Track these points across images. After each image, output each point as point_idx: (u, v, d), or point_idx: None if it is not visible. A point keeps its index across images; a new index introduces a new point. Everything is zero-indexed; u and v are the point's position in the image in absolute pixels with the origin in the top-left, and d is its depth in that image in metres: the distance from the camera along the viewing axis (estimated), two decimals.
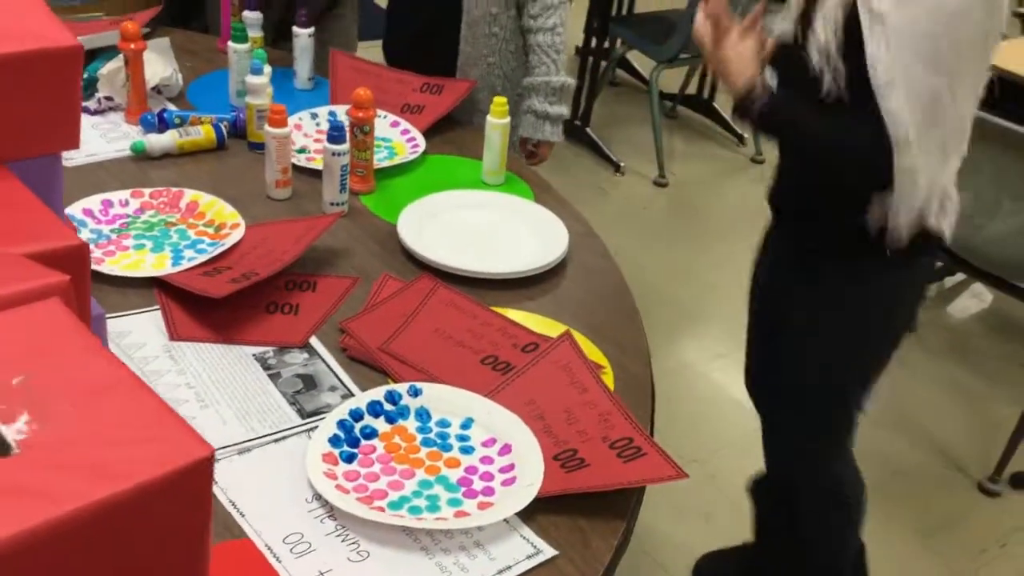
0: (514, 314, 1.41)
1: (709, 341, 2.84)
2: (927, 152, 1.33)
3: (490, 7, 1.90)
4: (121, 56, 1.71)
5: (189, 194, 1.54)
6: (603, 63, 3.84)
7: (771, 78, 1.45)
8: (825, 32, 1.33)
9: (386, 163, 1.74)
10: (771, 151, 3.73)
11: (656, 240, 3.30)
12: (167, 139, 1.66)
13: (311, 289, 1.41)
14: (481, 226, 1.61)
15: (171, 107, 1.80)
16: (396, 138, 1.83)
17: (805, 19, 1.39)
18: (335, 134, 1.54)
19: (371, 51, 2.23)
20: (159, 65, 1.81)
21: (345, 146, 1.55)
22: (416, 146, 1.80)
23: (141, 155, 1.65)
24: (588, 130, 3.81)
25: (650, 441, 1.15)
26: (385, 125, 1.85)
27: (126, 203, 1.51)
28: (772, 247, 1.68)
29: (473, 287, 1.45)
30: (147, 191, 1.54)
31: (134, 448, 0.55)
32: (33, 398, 0.58)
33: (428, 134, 1.84)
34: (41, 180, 0.96)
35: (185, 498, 0.55)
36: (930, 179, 1.37)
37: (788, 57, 1.42)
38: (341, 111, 1.86)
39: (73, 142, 0.99)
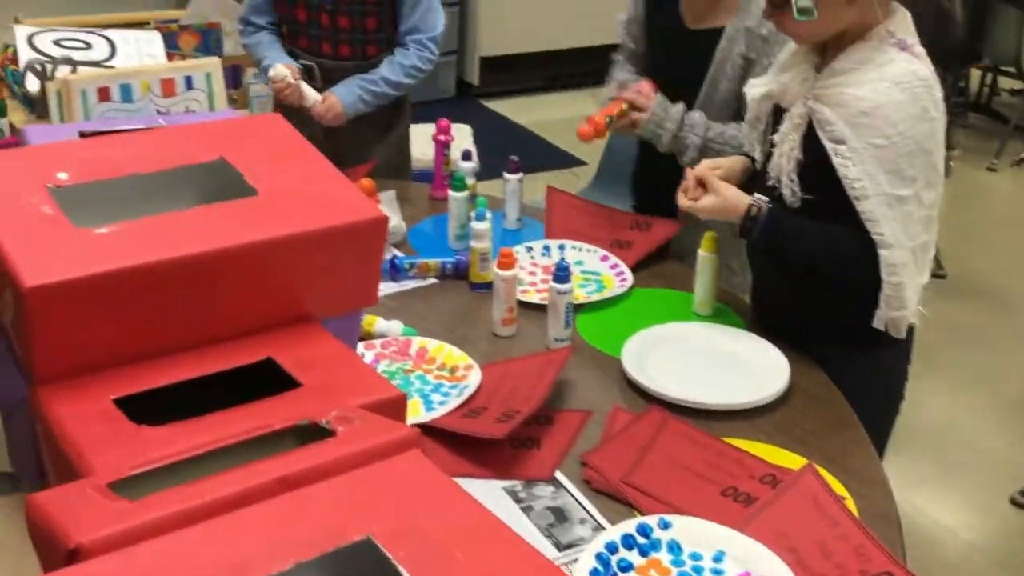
0: (745, 444, 1.44)
1: (908, 464, 2.76)
2: (913, 251, 1.50)
3: None
4: None
5: (416, 341, 1.65)
6: None
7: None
8: (784, 151, 1.56)
9: (595, 296, 1.83)
10: (951, 264, 3.68)
11: None
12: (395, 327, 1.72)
13: (548, 423, 1.48)
14: (700, 356, 1.66)
15: (399, 254, 1.94)
16: (605, 271, 1.92)
17: (766, 141, 1.62)
18: (560, 274, 1.63)
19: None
20: (387, 214, 1.97)
21: (569, 285, 1.64)
22: (624, 280, 1.88)
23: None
24: None
25: (909, 574, 1.15)
26: (595, 259, 1.94)
27: (362, 356, 1.62)
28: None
29: (699, 418, 1.50)
30: (378, 342, 1.66)
31: None
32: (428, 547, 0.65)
33: (635, 268, 1.91)
34: (343, 333, 1.07)
35: None
36: (911, 273, 1.51)
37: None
38: (555, 245, 1.97)
39: (373, 298, 1.10)
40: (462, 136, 3.73)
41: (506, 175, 2.08)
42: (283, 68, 2.16)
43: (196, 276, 0.92)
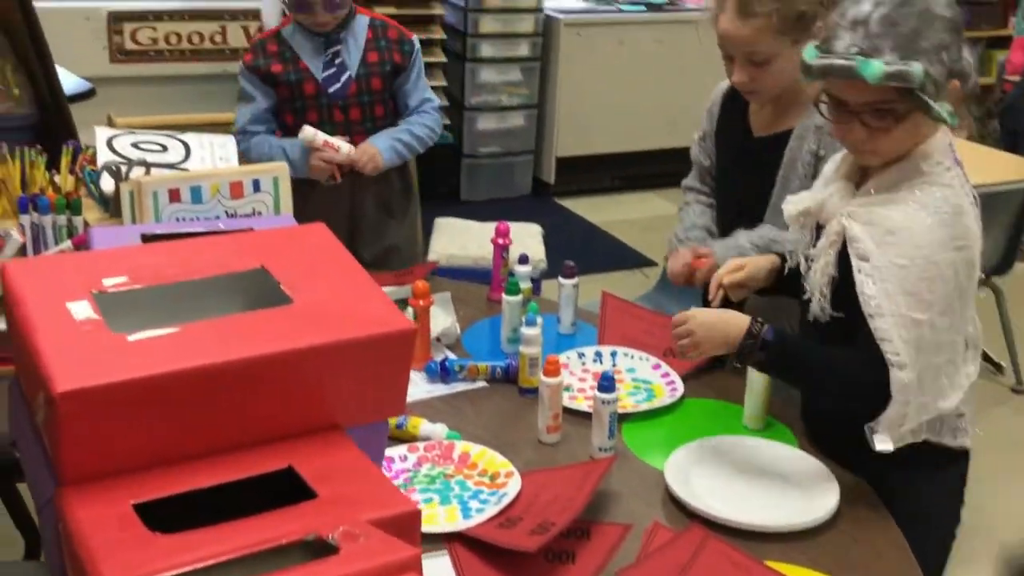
0: (788, 569, 1.40)
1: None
2: (920, 373, 1.45)
3: None
4: (411, 310, 1.91)
5: (460, 445, 1.66)
6: None
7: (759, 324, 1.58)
8: (819, 267, 1.55)
9: (644, 405, 1.81)
10: None
11: None
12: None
13: (585, 536, 1.46)
14: (747, 473, 1.62)
15: (451, 355, 1.96)
16: (656, 380, 1.90)
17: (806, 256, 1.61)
18: (605, 383, 1.63)
19: None
20: (440, 317, 2.00)
21: (614, 394, 1.64)
22: (675, 389, 1.86)
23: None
24: None
25: None
26: (647, 367, 1.93)
27: (405, 458, 1.63)
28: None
29: (742, 538, 1.46)
30: (421, 445, 1.66)
31: None
32: None
33: (687, 377, 1.90)
34: (369, 442, 1.09)
35: None
36: (925, 400, 1.47)
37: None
38: (607, 352, 1.97)
39: (400, 408, 1.12)
40: (532, 235, 3.77)
41: (561, 280, 2.10)
42: (311, 128, 2.28)
43: (223, 384, 0.95)
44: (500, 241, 2.22)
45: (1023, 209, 3.36)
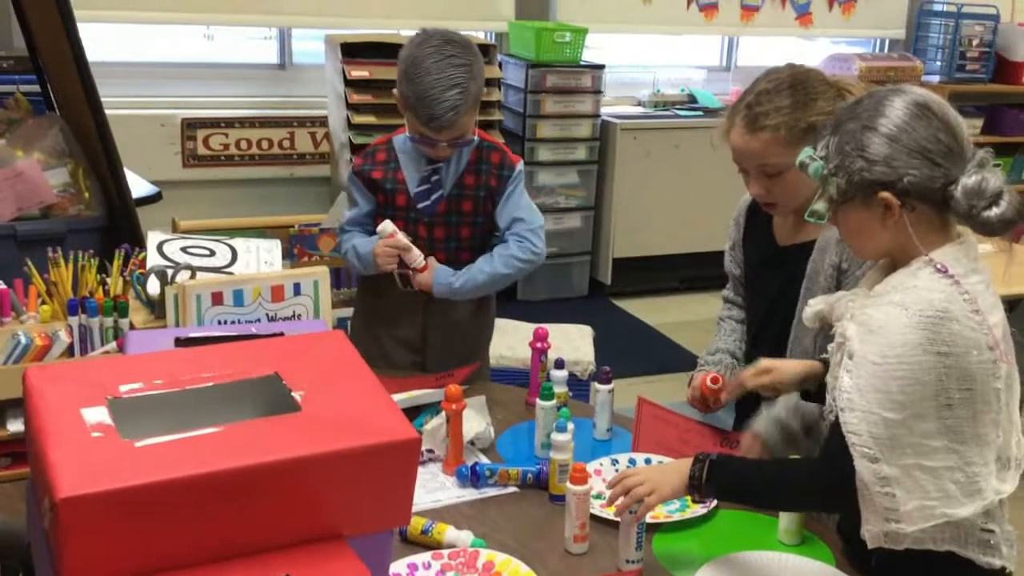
0: None
1: None
2: (905, 471, 1.43)
3: None
4: (443, 413, 1.92)
5: (485, 554, 1.64)
6: None
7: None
8: (831, 371, 1.56)
9: (676, 516, 1.78)
10: None
11: None
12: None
13: None
14: None
15: (483, 459, 1.96)
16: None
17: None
18: None
19: None
20: (475, 420, 2.01)
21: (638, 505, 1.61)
22: (709, 504, 1.83)
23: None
24: None
25: None
26: None
27: (428, 565, 1.62)
28: None
29: None
30: (446, 552, 1.65)
31: None
32: None
33: None
34: (372, 552, 1.09)
35: None
36: (928, 503, 1.43)
37: None
38: (641, 458, 1.95)
39: (405, 518, 1.13)
40: (583, 336, 3.79)
41: (597, 385, 2.10)
42: (390, 223, 2.26)
43: (223, 491, 0.97)
44: (538, 345, 2.23)
45: None
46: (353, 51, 4.44)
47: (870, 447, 1.43)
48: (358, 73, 4.39)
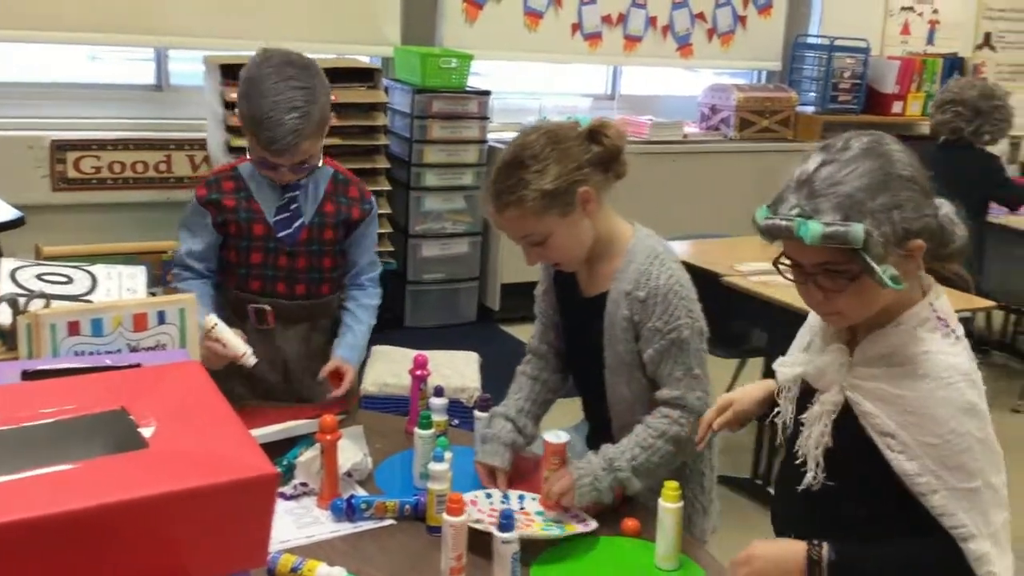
0: None
1: None
2: (995, 535, 1.42)
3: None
4: (318, 445, 1.86)
5: None
6: None
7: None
8: (814, 434, 1.51)
9: (555, 531, 1.76)
10: None
11: None
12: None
13: None
14: None
15: (360, 491, 1.91)
16: (567, 520, 1.84)
17: (796, 421, 1.58)
18: (504, 522, 1.58)
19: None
20: (351, 451, 1.95)
21: (515, 534, 1.59)
22: (586, 524, 1.81)
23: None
24: (770, 489, 3.72)
25: None
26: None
27: None
28: None
29: None
30: None
31: None
32: None
33: (600, 516, 1.85)
34: None
35: None
36: (998, 557, 1.42)
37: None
38: (514, 495, 1.91)
39: (260, 560, 1.07)
40: (469, 363, 3.75)
41: (477, 413, 2.07)
42: (214, 318, 2.08)
43: (62, 536, 0.90)
44: (418, 373, 2.19)
45: None
46: (233, 73, 4.34)
47: (965, 524, 1.40)
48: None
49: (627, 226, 1.97)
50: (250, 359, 2.06)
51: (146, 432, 1.03)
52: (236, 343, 2.06)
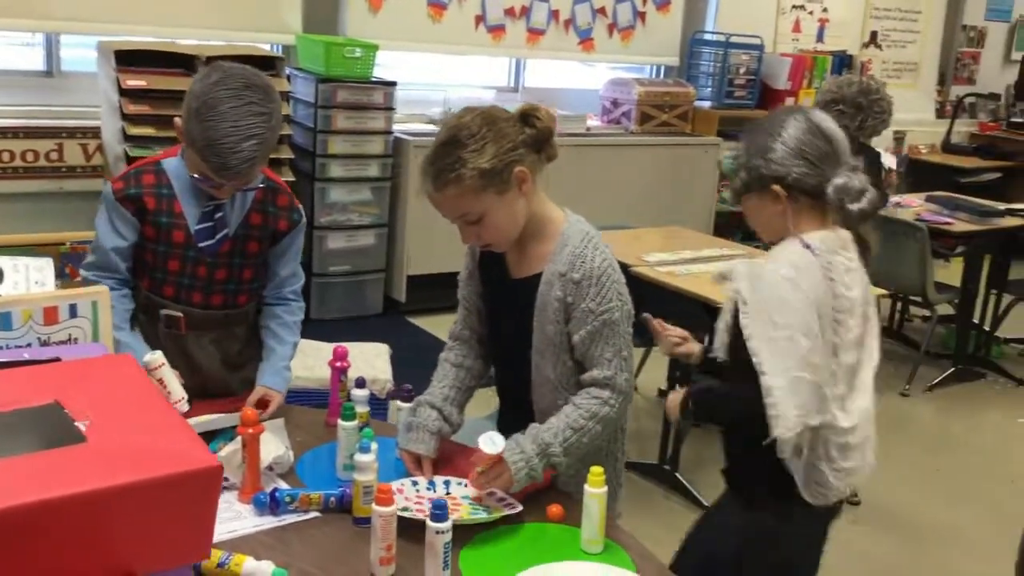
0: None
1: None
2: (781, 375, 1.80)
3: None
4: (239, 439, 1.83)
5: None
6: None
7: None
8: (722, 319, 1.94)
9: (482, 514, 1.78)
10: (867, 492, 3.68)
11: None
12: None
13: None
14: None
15: (283, 485, 1.89)
16: (493, 503, 1.86)
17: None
18: (438, 512, 1.59)
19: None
20: (273, 444, 1.93)
21: (448, 524, 1.59)
22: (512, 507, 1.82)
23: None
24: (677, 474, 3.82)
25: None
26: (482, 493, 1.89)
27: None
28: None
29: None
30: None
31: None
32: None
33: (524, 500, 1.87)
34: None
35: None
36: (786, 397, 1.80)
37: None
38: (439, 480, 1.92)
39: (205, 553, 1.05)
40: (379, 355, 3.74)
41: (398, 403, 2.07)
42: (161, 355, 1.96)
43: (7, 532, 0.87)
44: (338, 364, 2.17)
45: None
46: (128, 59, 4.21)
47: (761, 360, 1.81)
48: (134, 82, 4.17)
49: (558, 210, 2.01)
50: (184, 406, 1.94)
51: (82, 425, 1.00)
52: (175, 387, 1.95)
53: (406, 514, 1.71)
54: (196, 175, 2.06)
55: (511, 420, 2.06)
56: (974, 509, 3.80)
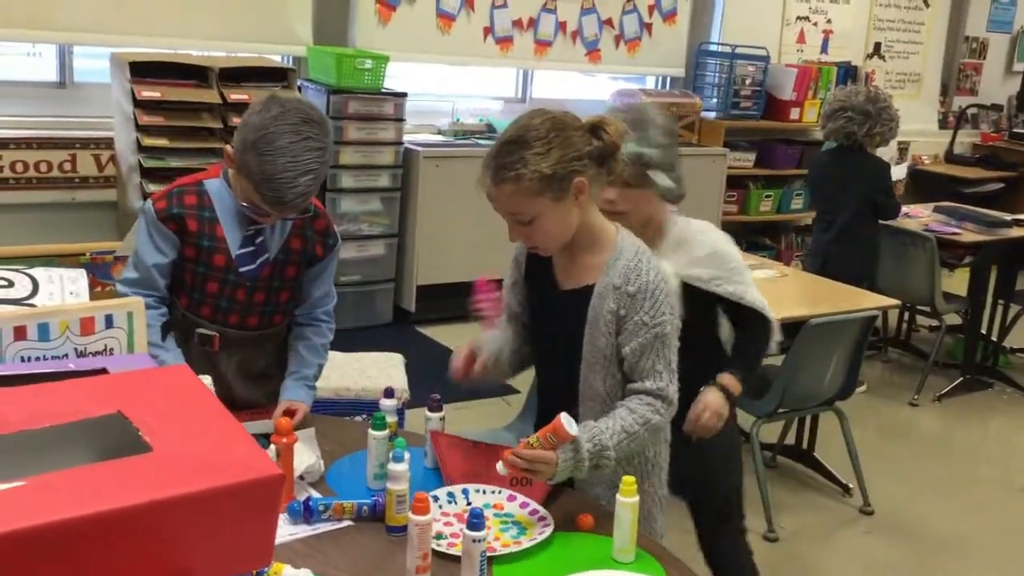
0: None
1: None
2: (758, 295, 2.38)
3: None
4: (273, 448, 1.84)
5: None
6: None
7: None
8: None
9: (524, 541, 1.77)
10: (879, 502, 3.69)
11: None
12: None
13: None
14: None
15: (315, 494, 1.90)
16: (519, 512, 1.87)
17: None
18: (475, 521, 1.60)
19: None
20: (305, 454, 1.94)
21: (483, 532, 1.61)
22: (545, 522, 1.83)
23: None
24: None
25: None
26: (502, 500, 1.90)
27: None
28: None
29: None
30: None
31: None
32: None
33: (553, 510, 1.88)
34: None
35: None
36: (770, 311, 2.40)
37: None
38: (458, 491, 1.93)
39: (267, 559, 1.07)
40: (394, 365, 3.74)
41: (428, 413, 2.08)
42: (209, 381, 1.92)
43: (73, 542, 0.88)
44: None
45: (861, 338, 3.57)
46: (142, 70, 4.23)
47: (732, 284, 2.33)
48: (149, 93, 4.19)
49: (609, 223, 2.01)
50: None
51: (147, 435, 1.02)
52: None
53: (439, 547, 1.72)
54: (245, 203, 2.05)
55: None
56: (983, 518, 3.81)
